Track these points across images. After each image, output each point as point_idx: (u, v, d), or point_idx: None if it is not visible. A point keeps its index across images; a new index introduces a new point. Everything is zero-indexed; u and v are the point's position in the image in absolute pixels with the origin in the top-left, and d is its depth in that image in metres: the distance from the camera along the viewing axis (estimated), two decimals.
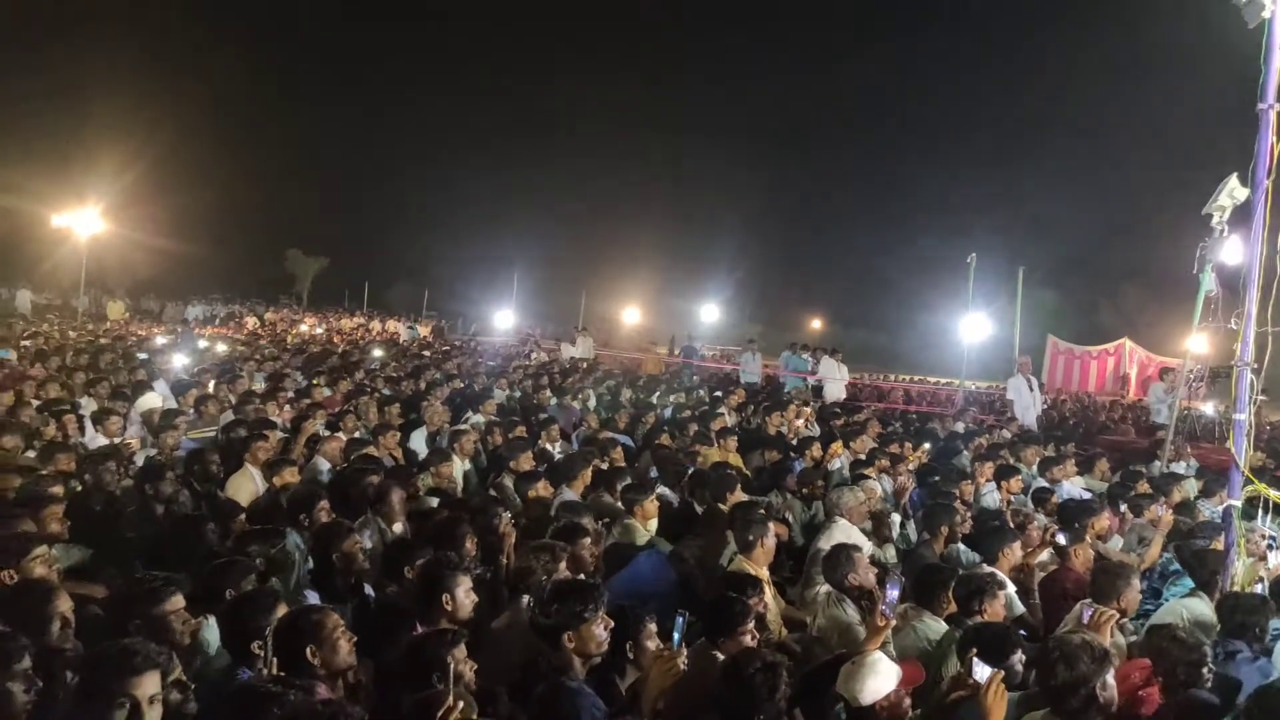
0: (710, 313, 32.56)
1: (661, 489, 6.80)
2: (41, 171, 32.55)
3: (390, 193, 62.72)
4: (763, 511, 5.68)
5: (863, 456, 8.63)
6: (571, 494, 6.39)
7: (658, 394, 14.09)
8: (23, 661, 2.62)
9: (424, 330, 30.80)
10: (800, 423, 11.58)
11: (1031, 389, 13.99)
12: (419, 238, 52.61)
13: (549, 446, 8.59)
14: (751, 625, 3.85)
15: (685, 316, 34.28)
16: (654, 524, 6.05)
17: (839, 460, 8.74)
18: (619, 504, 6.26)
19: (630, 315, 32.09)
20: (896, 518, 6.95)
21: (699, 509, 6.66)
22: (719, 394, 14.25)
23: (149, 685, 2.47)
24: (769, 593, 4.94)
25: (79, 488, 5.80)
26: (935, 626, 4.44)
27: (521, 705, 3.51)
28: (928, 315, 30.43)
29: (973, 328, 17.76)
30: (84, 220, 23.52)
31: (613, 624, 3.62)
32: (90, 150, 33.61)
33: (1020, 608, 5.21)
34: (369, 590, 4.54)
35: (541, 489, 6.49)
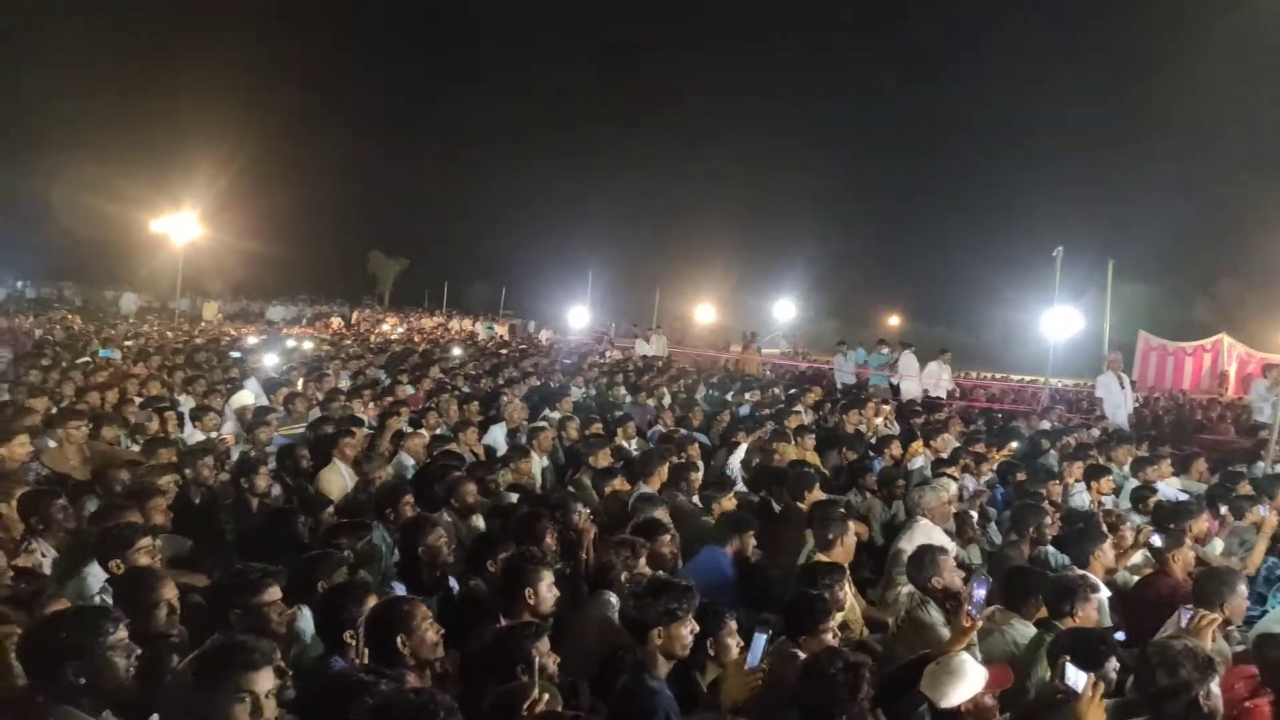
0: (785, 309, 32.26)
1: (741, 486, 6.78)
2: (141, 178, 34.08)
3: (468, 194, 63.89)
4: (842, 510, 5.61)
5: (944, 455, 8.45)
6: (649, 490, 6.41)
7: (732, 392, 14.04)
8: (118, 632, 2.74)
9: (501, 329, 31.27)
10: (879, 421, 11.40)
11: (1123, 386, 13.46)
12: (496, 238, 53.35)
13: (625, 444, 8.64)
14: (833, 623, 3.80)
15: (759, 314, 34.05)
16: None
17: (920, 459, 8.58)
18: (696, 502, 6.27)
19: (704, 313, 31.99)
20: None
21: (777, 507, 6.63)
22: (795, 391, 14.12)
23: (265, 681, 2.56)
24: (849, 591, 4.88)
25: (180, 481, 6.07)
26: (1024, 630, 4.32)
27: (601, 698, 3.55)
28: (1010, 311, 29.49)
29: (1059, 323, 17.15)
30: (181, 225, 24.57)
31: (697, 628, 3.59)
32: (185, 158, 35.01)
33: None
34: (453, 583, 4.64)
35: (618, 485, 6.55)
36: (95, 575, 4.02)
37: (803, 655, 3.64)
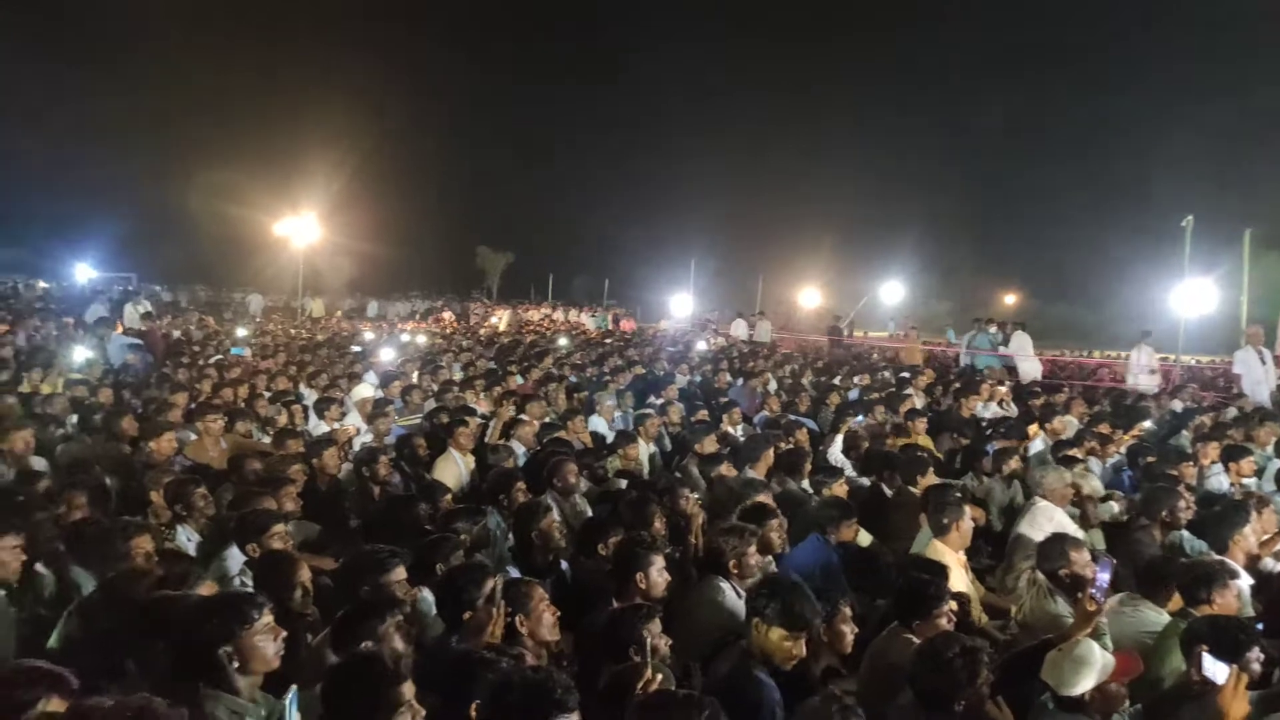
0: (893, 291, 31.47)
1: (849, 473, 6.68)
2: (264, 184, 35.86)
3: (571, 187, 64.75)
4: (958, 495, 5.46)
5: (1065, 437, 8.10)
6: (756, 476, 6.38)
7: (840, 376, 13.81)
8: (264, 617, 2.92)
9: (627, 323, 31.35)
10: (995, 404, 11.02)
11: (1264, 362, 12.57)
12: (599, 230, 53.95)
13: (731, 429, 8.62)
14: (947, 608, 3.71)
15: (865, 296, 33.31)
16: None
17: (1038, 442, 8.25)
18: (805, 487, 6.21)
19: (809, 297, 31.51)
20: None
21: (889, 492, 6.50)
22: (906, 375, 13.78)
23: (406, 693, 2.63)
24: (967, 577, 4.75)
25: (306, 470, 6.38)
26: (1156, 618, 4.12)
27: (712, 680, 3.56)
28: (1136, 287, 27.98)
29: (1189, 298, 16.12)
30: (301, 228, 25.76)
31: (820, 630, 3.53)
32: (304, 164, 36.69)
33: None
34: (564, 566, 4.75)
35: (724, 471, 6.54)
36: (235, 558, 4.28)
37: (916, 640, 3.57)
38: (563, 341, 19.61)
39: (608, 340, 21.92)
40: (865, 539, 5.57)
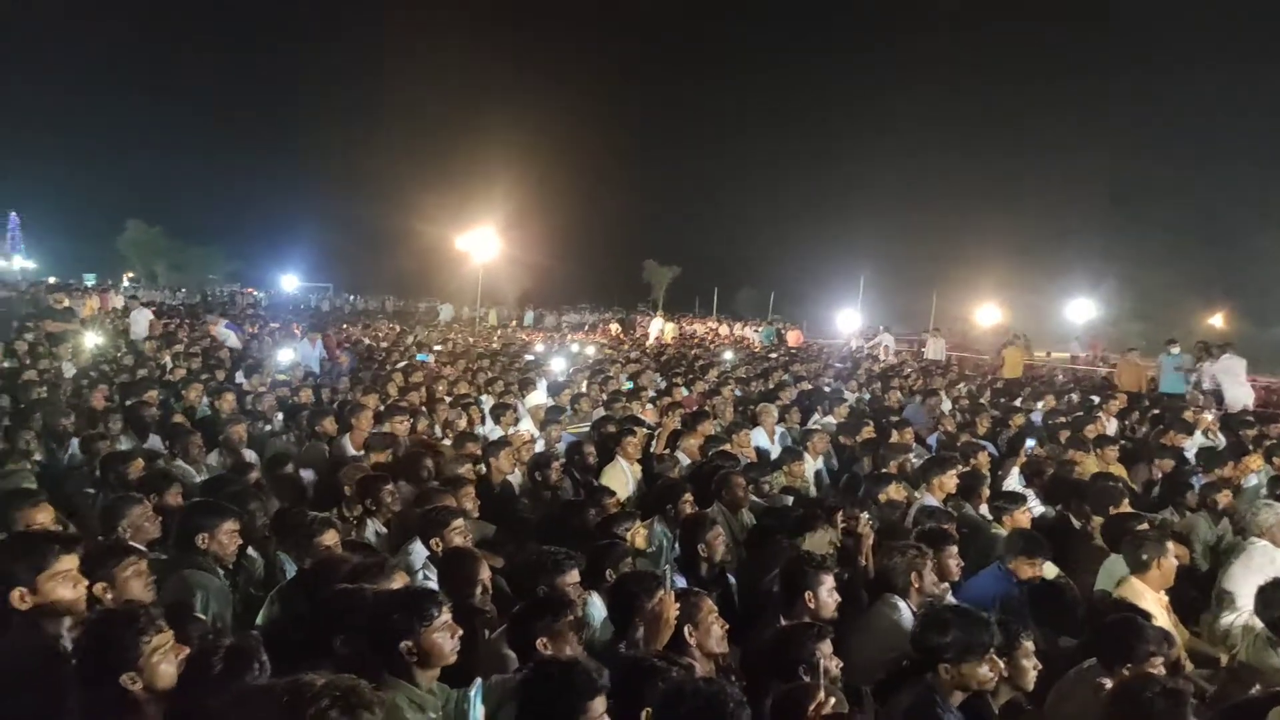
0: (1082, 309, 29.52)
1: (1033, 501, 6.29)
2: (448, 201, 38.03)
3: (737, 201, 64.85)
4: (1157, 529, 5.03)
5: None
6: (932, 499, 6.13)
7: (1021, 398, 13.06)
8: (442, 615, 3.04)
9: (794, 334, 30.95)
10: (1198, 433, 10.08)
11: None
12: (765, 244, 53.77)
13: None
14: (1160, 655, 3.38)
15: (1051, 314, 31.44)
16: None
17: (1255, 476, 7.48)
18: (984, 514, 5.90)
19: (987, 314, 30.05)
20: None
21: (1076, 523, 6.07)
22: (1095, 399, 12.85)
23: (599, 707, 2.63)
24: (1170, 619, 4.36)
25: (481, 471, 6.66)
26: None
27: (885, 704, 3.43)
28: None
29: None
30: (480, 243, 27.10)
31: (1001, 666, 3.32)
32: (484, 182, 38.66)
33: None
34: (731, 579, 4.71)
35: (893, 492, 6.30)
36: (418, 552, 4.51)
37: (1110, 683, 3.29)
38: (728, 355, 19.60)
39: (772, 355, 21.72)
40: (1050, 571, 5.22)
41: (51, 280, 41.09)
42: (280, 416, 8.99)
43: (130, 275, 57.42)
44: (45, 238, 60.45)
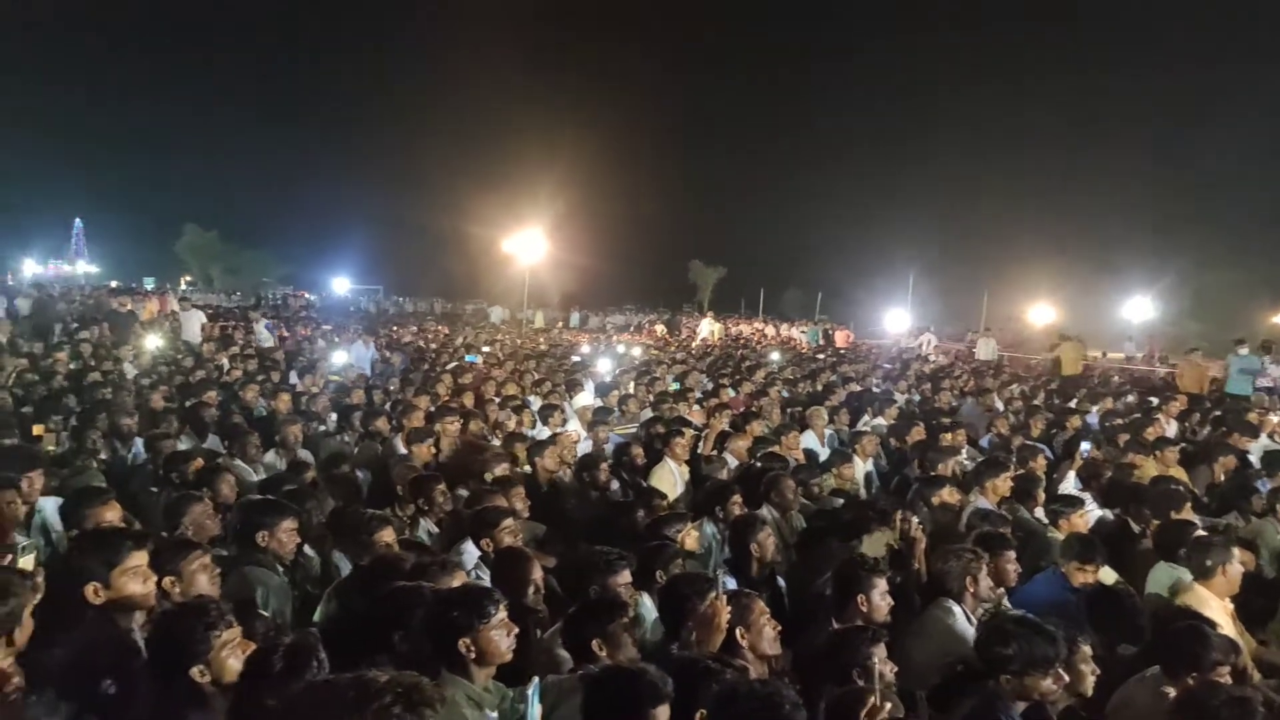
0: (1140, 309, 28.80)
1: (1090, 505, 6.17)
2: (495, 203, 38.43)
3: (783, 201, 64.49)
4: (1223, 534, 4.90)
5: None
6: (985, 503, 6.04)
7: (1077, 399, 12.79)
8: (499, 613, 3.07)
9: (841, 334, 30.66)
10: (1264, 435, 9.78)
11: None
12: (811, 244, 53.39)
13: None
14: (1226, 663, 3.30)
15: (1106, 314, 30.73)
16: None
17: None
18: (1041, 516, 5.80)
19: (1040, 314, 29.47)
20: None
21: (1136, 528, 5.94)
22: (1153, 400, 12.54)
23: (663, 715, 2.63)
24: (1235, 627, 4.25)
25: (528, 472, 6.71)
26: None
27: (940, 710, 3.39)
28: None
29: None
30: (527, 245, 27.32)
31: (1064, 677, 3.23)
32: (529, 185, 38.96)
33: None
34: (781, 582, 4.69)
35: (946, 496, 6.22)
36: (470, 552, 4.56)
37: (1174, 691, 3.22)
38: (775, 356, 19.49)
39: (819, 355, 21.56)
40: (1109, 577, 5.11)
41: (113, 284, 42.35)
42: (334, 416, 9.15)
43: (188, 279, 58.97)
44: (107, 243, 62.65)
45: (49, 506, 4.75)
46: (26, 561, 3.31)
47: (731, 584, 4.42)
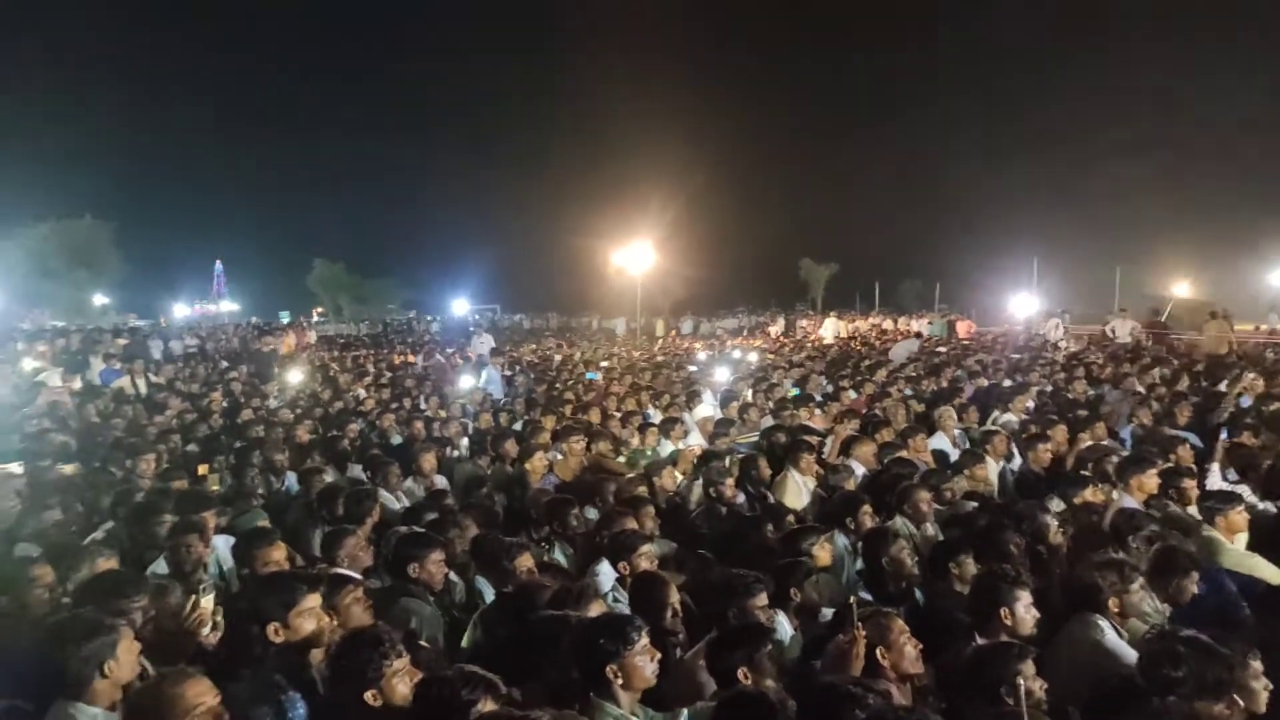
0: None
1: (1249, 498, 5.81)
2: (604, 215, 39.00)
3: (893, 192, 62.98)
4: None
5: None
6: (1131, 501, 5.77)
7: (1227, 381, 11.96)
8: (643, 639, 3.17)
9: (964, 326, 29.52)
10: None
11: None
12: (925, 232, 51.90)
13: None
14: None
15: (1251, 284, 28.64)
16: (1243, 539, 5.18)
17: None
18: (1194, 513, 5.50)
19: (1182, 290, 27.72)
20: None
21: None
22: None
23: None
24: None
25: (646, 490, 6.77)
26: None
27: None
28: None
29: None
30: (637, 255, 27.61)
31: (1241, 704, 3.00)
32: (638, 195, 39.35)
33: None
34: (919, 595, 4.62)
35: (1089, 495, 5.96)
36: (606, 574, 4.66)
37: None
38: (903, 351, 18.96)
39: (941, 349, 20.88)
40: (1275, 575, 4.82)
41: (253, 320, 45.14)
42: (466, 441, 9.50)
43: (319, 310, 62.21)
44: (245, 281, 66.97)
45: (221, 545, 5.16)
46: (207, 601, 3.63)
47: (866, 597, 4.39)
